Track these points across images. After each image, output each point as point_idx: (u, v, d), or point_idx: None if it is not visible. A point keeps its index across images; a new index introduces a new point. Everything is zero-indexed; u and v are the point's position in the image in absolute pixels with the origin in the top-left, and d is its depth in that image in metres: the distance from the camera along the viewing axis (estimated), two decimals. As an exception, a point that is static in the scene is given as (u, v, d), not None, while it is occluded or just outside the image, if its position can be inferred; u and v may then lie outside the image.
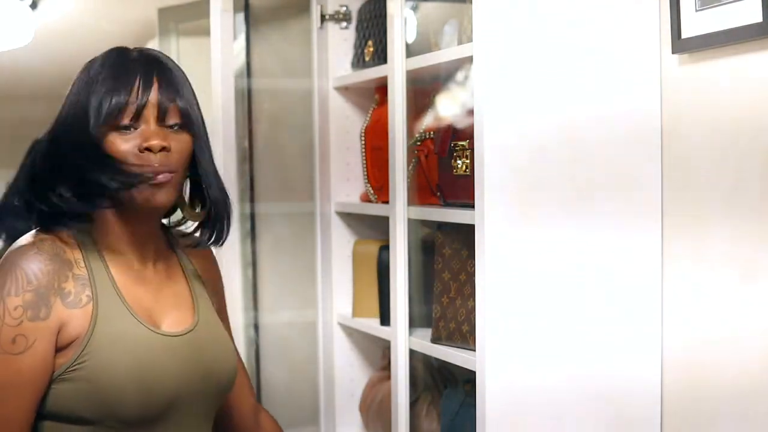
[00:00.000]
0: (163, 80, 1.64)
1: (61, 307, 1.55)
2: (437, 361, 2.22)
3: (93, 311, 1.57)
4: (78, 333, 1.56)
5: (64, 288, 1.56)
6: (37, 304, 1.54)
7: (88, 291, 1.58)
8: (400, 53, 2.19)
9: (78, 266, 1.59)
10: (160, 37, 3.21)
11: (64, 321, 1.56)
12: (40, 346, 1.54)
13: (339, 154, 2.63)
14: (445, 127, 2.15)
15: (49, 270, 1.56)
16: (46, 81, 4.50)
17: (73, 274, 1.58)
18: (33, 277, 1.54)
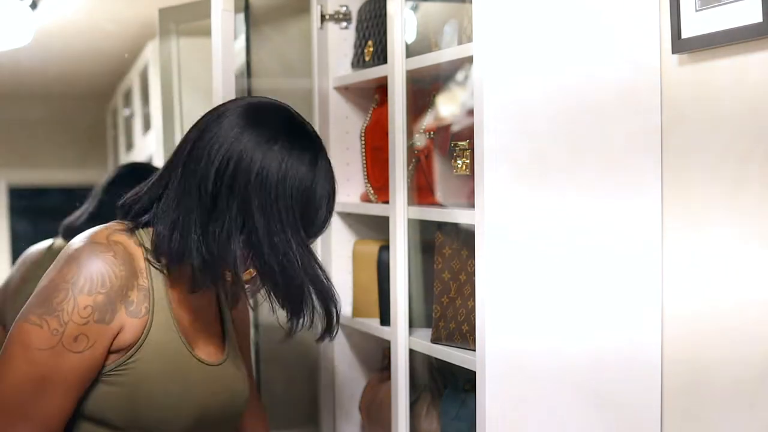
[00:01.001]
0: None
1: (124, 314, 1.60)
2: (437, 361, 2.22)
3: (147, 323, 1.62)
4: (130, 341, 1.61)
5: (129, 296, 1.60)
6: (106, 307, 1.57)
7: (147, 303, 1.62)
8: (400, 53, 2.19)
9: (142, 277, 1.63)
10: (160, 37, 3.21)
11: (124, 327, 1.60)
12: (97, 349, 1.58)
13: (339, 154, 2.63)
14: (445, 127, 2.15)
15: (122, 276, 1.59)
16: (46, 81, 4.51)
17: (138, 284, 1.62)
18: (108, 281, 1.57)
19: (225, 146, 1.62)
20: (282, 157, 1.62)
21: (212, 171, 1.61)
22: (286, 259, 1.61)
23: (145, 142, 4.70)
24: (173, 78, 3.15)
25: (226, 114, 1.66)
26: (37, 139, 4.87)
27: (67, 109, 4.93)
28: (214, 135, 1.63)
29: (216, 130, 1.64)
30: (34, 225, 4.83)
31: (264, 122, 1.65)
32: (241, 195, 1.60)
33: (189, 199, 1.62)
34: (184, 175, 1.64)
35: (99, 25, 4.14)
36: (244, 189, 1.60)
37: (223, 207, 1.61)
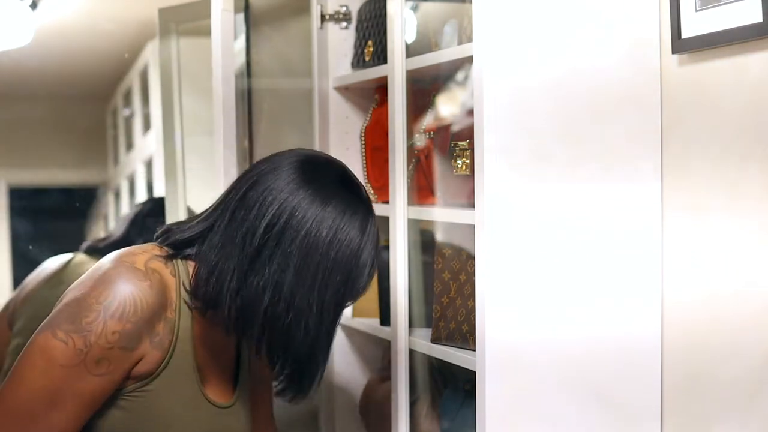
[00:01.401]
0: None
1: (147, 344, 1.60)
2: (437, 361, 2.22)
3: (167, 356, 1.62)
4: (148, 370, 1.62)
5: (155, 327, 1.61)
6: (133, 336, 1.57)
7: (171, 336, 1.63)
8: (400, 53, 2.19)
9: (171, 309, 1.63)
10: (160, 37, 3.20)
11: (145, 356, 1.61)
12: (116, 373, 1.58)
13: (339, 154, 2.63)
14: (445, 127, 2.15)
15: (153, 308, 1.59)
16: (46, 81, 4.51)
17: (166, 316, 1.62)
18: (139, 311, 1.57)
19: (278, 200, 1.62)
20: (334, 218, 1.62)
21: (262, 224, 1.61)
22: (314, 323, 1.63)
23: (145, 142, 4.70)
24: (173, 78, 3.15)
25: (282, 167, 1.66)
26: (37, 139, 4.87)
27: (67, 109, 4.93)
28: (267, 187, 1.64)
29: (270, 183, 1.64)
30: (34, 225, 4.84)
31: (319, 180, 1.66)
32: (285, 252, 1.60)
33: (232, 246, 1.62)
34: (232, 221, 1.64)
35: (99, 25, 4.14)
36: (289, 246, 1.60)
37: (264, 261, 1.60)
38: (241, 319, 1.62)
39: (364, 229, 1.65)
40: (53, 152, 5.01)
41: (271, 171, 1.67)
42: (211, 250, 1.64)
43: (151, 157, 4.53)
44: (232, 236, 1.63)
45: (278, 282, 1.60)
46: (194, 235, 1.68)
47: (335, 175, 1.70)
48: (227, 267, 1.62)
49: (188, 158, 3.16)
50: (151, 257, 1.64)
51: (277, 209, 1.62)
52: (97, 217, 5.17)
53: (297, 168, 1.67)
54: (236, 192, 1.68)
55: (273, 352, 1.66)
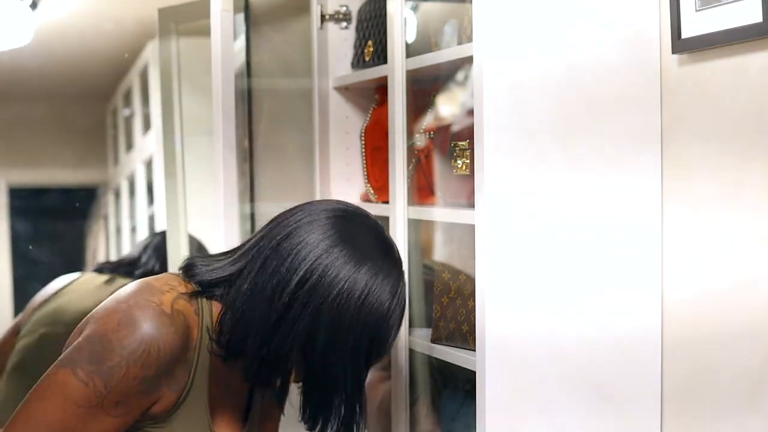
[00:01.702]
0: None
1: (165, 388, 1.60)
2: (437, 361, 2.22)
3: (183, 396, 1.62)
4: (163, 409, 1.61)
5: (174, 371, 1.60)
6: (153, 381, 1.57)
7: (187, 377, 1.62)
8: (400, 53, 2.19)
9: (190, 349, 1.62)
10: (160, 37, 3.20)
11: (161, 398, 1.60)
12: (133, 415, 1.58)
13: (339, 154, 2.63)
14: (445, 127, 2.15)
15: (174, 353, 1.58)
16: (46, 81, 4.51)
17: (185, 357, 1.61)
18: (161, 357, 1.56)
19: (312, 257, 1.61)
20: (366, 281, 1.61)
21: (294, 279, 1.60)
22: (334, 382, 1.62)
23: (145, 142, 4.70)
24: (173, 78, 3.15)
25: (319, 221, 1.65)
26: (37, 139, 4.87)
27: (67, 109, 4.93)
28: (302, 241, 1.62)
29: (305, 236, 1.63)
30: (34, 225, 4.84)
31: (355, 239, 1.64)
32: (315, 310, 1.59)
33: (261, 298, 1.61)
34: (263, 270, 1.63)
35: (99, 25, 4.14)
36: (320, 305, 1.59)
37: (293, 317, 1.59)
38: (263, 372, 1.62)
39: (394, 292, 1.64)
40: (53, 152, 5.02)
41: (307, 223, 1.65)
42: (238, 297, 1.63)
43: (151, 157, 4.53)
44: (262, 287, 1.61)
45: (306, 341, 1.60)
46: (222, 277, 1.66)
47: (371, 236, 1.67)
48: (254, 318, 1.60)
49: (188, 158, 3.16)
50: (178, 296, 1.62)
51: (311, 266, 1.60)
52: (97, 217, 5.17)
53: (334, 224, 1.65)
54: (269, 240, 1.66)
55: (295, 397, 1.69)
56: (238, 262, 1.67)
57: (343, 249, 1.62)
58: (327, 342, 1.60)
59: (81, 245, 5.01)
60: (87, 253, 5.09)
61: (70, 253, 4.95)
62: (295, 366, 1.64)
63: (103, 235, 5.16)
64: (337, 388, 1.64)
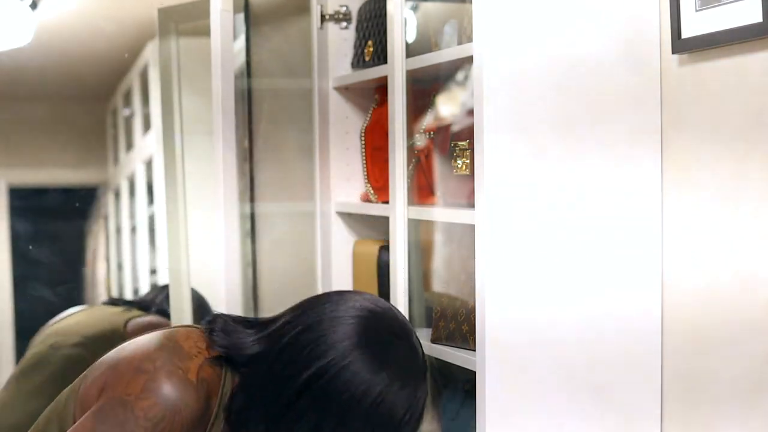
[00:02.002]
0: None
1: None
2: (437, 361, 2.22)
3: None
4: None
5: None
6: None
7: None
8: (400, 53, 2.19)
9: (208, 414, 1.60)
10: (160, 37, 3.20)
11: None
12: None
13: (339, 154, 2.63)
14: (445, 127, 2.15)
15: (194, 422, 1.57)
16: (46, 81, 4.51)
17: (202, 421, 1.59)
18: (184, 428, 1.55)
19: (329, 355, 1.58)
20: (382, 388, 1.58)
21: (305, 373, 1.58)
22: None
23: (145, 142, 4.70)
24: (173, 78, 3.15)
25: (344, 318, 1.62)
26: (37, 139, 4.87)
27: (67, 109, 4.93)
28: (323, 336, 1.59)
29: (327, 332, 1.60)
30: (34, 225, 4.84)
31: (379, 344, 1.61)
32: (323, 408, 1.57)
33: (273, 385, 1.60)
34: (280, 357, 1.61)
35: (99, 25, 4.14)
36: (329, 403, 1.57)
37: (300, 411, 1.57)
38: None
39: (411, 401, 1.60)
40: (53, 152, 5.01)
41: (331, 318, 1.62)
42: (254, 379, 1.62)
43: (151, 157, 4.53)
44: (276, 374, 1.60)
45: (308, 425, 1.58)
46: (246, 349, 1.64)
47: (396, 340, 1.64)
48: (260, 406, 1.59)
49: (188, 158, 3.16)
50: (204, 362, 1.61)
51: (326, 363, 1.58)
52: (97, 217, 5.17)
53: (359, 324, 1.62)
54: (294, 326, 1.64)
55: None
56: (262, 343, 1.65)
57: (364, 353, 1.59)
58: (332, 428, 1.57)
59: (81, 245, 5.00)
60: (87, 253, 5.09)
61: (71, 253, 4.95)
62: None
63: (103, 235, 5.15)
64: None
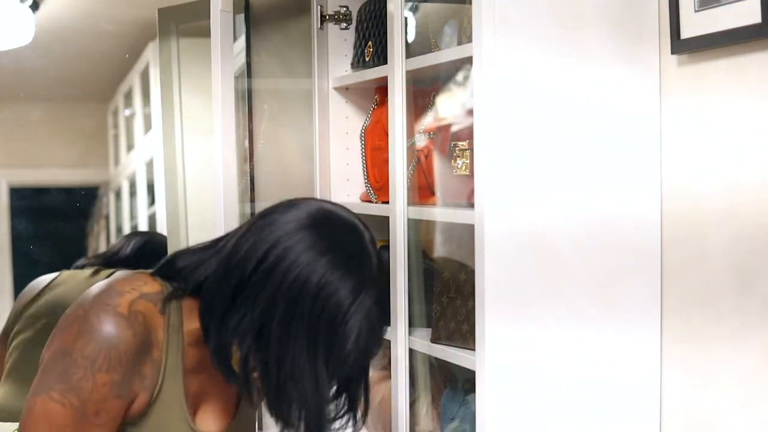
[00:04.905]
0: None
1: (138, 387, 1.59)
2: (437, 360, 2.22)
3: (153, 396, 1.61)
4: (136, 411, 1.60)
5: (143, 371, 1.59)
6: (123, 384, 1.56)
7: (158, 377, 1.60)
8: (400, 53, 2.19)
9: (157, 349, 1.60)
10: (160, 38, 3.21)
11: (135, 398, 1.60)
12: (116, 418, 1.58)
13: (339, 154, 2.63)
14: (445, 127, 2.15)
15: (138, 352, 1.57)
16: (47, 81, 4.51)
17: (152, 357, 1.60)
18: (124, 360, 1.55)
19: (275, 237, 1.55)
20: (324, 272, 1.53)
21: (254, 259, 1.55)
22: (290, 379, 1.54)
23: (145, 142, 4.70)
24: (173, 78, 3.16)
25: (297, 207, 1.59)
26: (37, 139, 4.88)
27: (68, 110, 4.93)
28: (272, 222, 1.57)
29: (277, 218, 1.57)
30: (35, 225, 4.84)
31: (326, 229, 1.57)
32: (270, 295, 1.53)
33: (224, 278, 1.57)
34: (232, 252, 1.59)
35: (100, 26, 4.15)
36: (275, 290, 1.53)
37: (248, 302, 1.54)
38: (223, 357, 1.59)
39: (357, 294, 1.54)
40: (54, 152, 5.02)
41: (284, 208, 1.60)
42: (207, 283, 1.60)
43: (151, 157, 4.53)
44: (227, 268, 1.58)
45: (259, 329, 1.55)
46: (202, 273, 1.62)
47: (345, 231, 1.59)
48: (215, 301, 1.58)
49: (188, 158, 3.17)
50: (139, 296, 1.59)
51: (271, 246, 1.54)
52: (97, 217, 5.17)
53: (309, 213, 1.59)
54: (246, 224, 1.63)
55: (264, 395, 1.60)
56: (209, 249, 1.64)
57: (308, 234, 1.55)
58: (281, 332, 1.53)
59: (82, 245, 5.01)
60: (88, 253, 5.09)
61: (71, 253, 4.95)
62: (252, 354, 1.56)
63: (103, 235, 5.16)
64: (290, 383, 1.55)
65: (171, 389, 1.62)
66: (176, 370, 1.62)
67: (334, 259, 1.54)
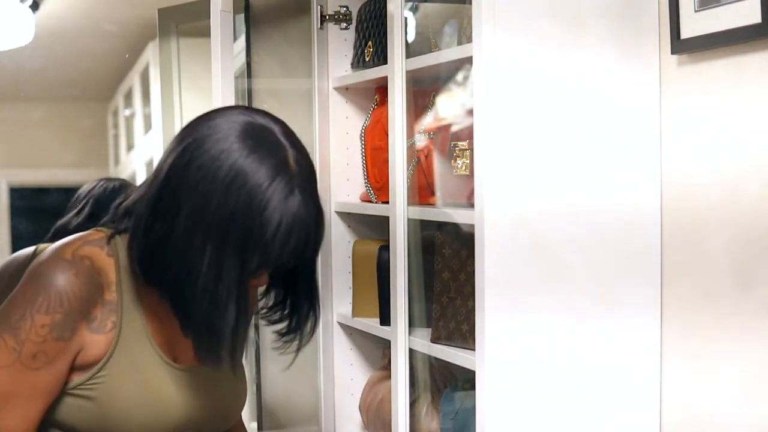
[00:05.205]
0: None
1: (86, 331, 1.55)
2: (437, 360, 2.22)
3: (115, 338, 1.57)
4: (97, 356, 1.57)
5: (91, 313, 1.56)
6: (64, 326, 1.53)
7: (114, 317, 1.57)
8: (400, 53, 2.19)
9: (110, 291, 1.57)
10: (160, 38, 3.21)
11: (86, 344, 1.56)
12: (58, 364, 1.55)
13: (339, 154, 2.63)
14: (445, 127, 2.15)
15: (82, 295, 1.54)
16: (47, 81, 4.51)
17: (103, 299, 1.57)
18: (66, 300, 1.53)
19: (191, 135, 1.50)
20: (237, 158, 1.46)
21: (171, 157, 1.50)
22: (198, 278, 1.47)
23: (145, 142, 4.71)
24: (173, 78, 3.16)
25: (209, 118, 1.53)
26: (37, 139, 4.88)
27: (68, 110, 4.93)
28: (186, 135, 1.52)
29: (190, 131, 1.52)
30: (34, 225, 4.84)
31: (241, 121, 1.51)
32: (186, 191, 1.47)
33: (146, 196, 1.53)
34: (154, 172, 1.55)
35: (100, 26, 4.15)
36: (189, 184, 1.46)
37: (167, 201, 1.49)
38: (147, 270, 1.53)
39: (272, 177, 1.45)
40: (54, 152, 5.02)
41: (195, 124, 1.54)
42: (135, 207, 1.56)
43: (151, 158, 4.53)
44: (148, 187, 1.53)
45: (175, 226, 1.47)
46: (131, 200, 1.58)
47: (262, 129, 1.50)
48: (139, 217, 1.53)
49: (188, 158, 3.15)
50: (84, 243, 1.57)
51: (185, 138, 1.50)
52: (97, 217, 5.17)
53: (234, 110, 1.54)
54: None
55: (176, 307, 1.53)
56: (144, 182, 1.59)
57: (224, 124, 1.49)
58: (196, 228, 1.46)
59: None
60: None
61: (71, 253, 4.95)
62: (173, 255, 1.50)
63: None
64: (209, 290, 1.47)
65: (133, 328, 1.58)
66: (135, 308, 1.58)
67: (248, 143, 1.47)
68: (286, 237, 1.46)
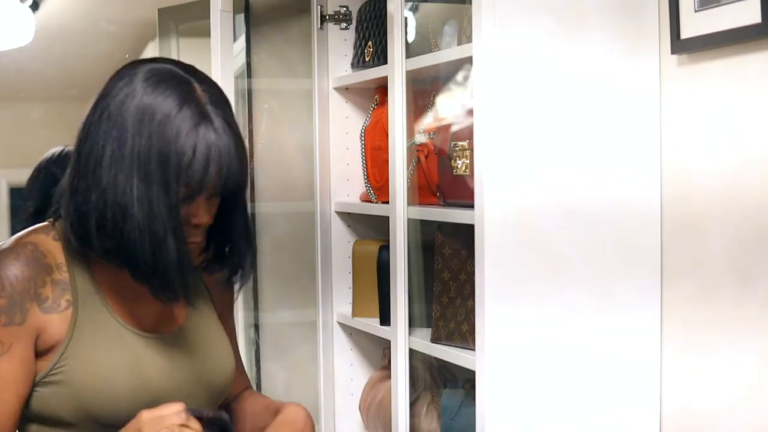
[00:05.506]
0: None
1: (39, 313, 1.54)
2: (437, 360, 2.22)
3: (73, 316, 1.56)
4: (58, 338, 1.55)
5: (41, 293, 1.55)
6: (12, 309, 1.52)
7: (68, 296, 1.56)
8: (400, 53, 2.19)
9: (59, 271, 1.57)
10: (160, 38, 3.21)
11: (42, 326, 1.55)
12: (17, 350, 1.53)
13: (339, 154, 2.63)
14: (445, 127, 2.15)
15: (25, 276, 1.54)
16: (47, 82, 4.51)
17: (52, 279, 1.56)
18: (7, 283, 1.52)
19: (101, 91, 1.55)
20: (143, 92, 1.49)
21: (86, 117, 1.53)
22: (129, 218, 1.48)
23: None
24: (173, 78, 3.15)
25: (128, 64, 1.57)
26: (37, 139, 4.87)
27: (68, 110, 4.93)
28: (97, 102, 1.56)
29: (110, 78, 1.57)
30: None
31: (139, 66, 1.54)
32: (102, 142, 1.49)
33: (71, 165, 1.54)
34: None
35: (100, 26, 4.15)
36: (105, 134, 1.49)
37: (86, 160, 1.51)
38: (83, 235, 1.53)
39: (179, 107, 1.48)
40: (54, 152, 5.02)
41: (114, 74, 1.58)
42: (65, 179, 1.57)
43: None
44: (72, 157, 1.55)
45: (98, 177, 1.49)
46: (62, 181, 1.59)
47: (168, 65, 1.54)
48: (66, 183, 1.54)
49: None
50: (28, 233, 1.58)
51: (96, 100, 1.53)
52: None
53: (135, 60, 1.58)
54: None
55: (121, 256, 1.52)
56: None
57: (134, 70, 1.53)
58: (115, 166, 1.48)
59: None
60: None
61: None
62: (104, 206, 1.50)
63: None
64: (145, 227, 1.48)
65: (91, 303, 1.58)
66: (90, 284, 1.58)
67: (150, 85, 1.51)
68: (205, 162, 1.48)
